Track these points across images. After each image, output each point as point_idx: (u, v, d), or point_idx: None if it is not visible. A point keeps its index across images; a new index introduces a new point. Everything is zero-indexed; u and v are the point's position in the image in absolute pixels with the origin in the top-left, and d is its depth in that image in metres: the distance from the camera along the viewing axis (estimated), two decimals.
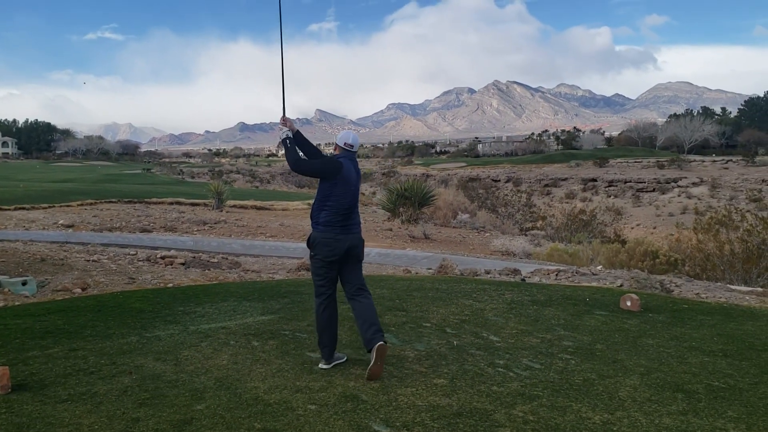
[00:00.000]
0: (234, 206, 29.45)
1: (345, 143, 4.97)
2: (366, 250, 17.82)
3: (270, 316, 6.60)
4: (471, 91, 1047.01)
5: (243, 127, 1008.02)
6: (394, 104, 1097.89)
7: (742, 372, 5.01)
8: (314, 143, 5.29)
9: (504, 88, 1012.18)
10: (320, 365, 4.88)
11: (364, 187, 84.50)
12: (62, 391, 4.29)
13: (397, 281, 9.48)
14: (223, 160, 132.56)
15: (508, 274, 11.54)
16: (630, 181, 67.55)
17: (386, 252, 16.91)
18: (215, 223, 21.78)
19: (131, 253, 13.79)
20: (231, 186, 47.11)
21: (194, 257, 13.37)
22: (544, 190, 71.77)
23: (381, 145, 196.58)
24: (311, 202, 28.54)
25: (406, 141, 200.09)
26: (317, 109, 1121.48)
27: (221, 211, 27.12)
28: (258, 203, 31.00)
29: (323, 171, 4.82)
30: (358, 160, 5.18)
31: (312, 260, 4.91)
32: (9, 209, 24.01)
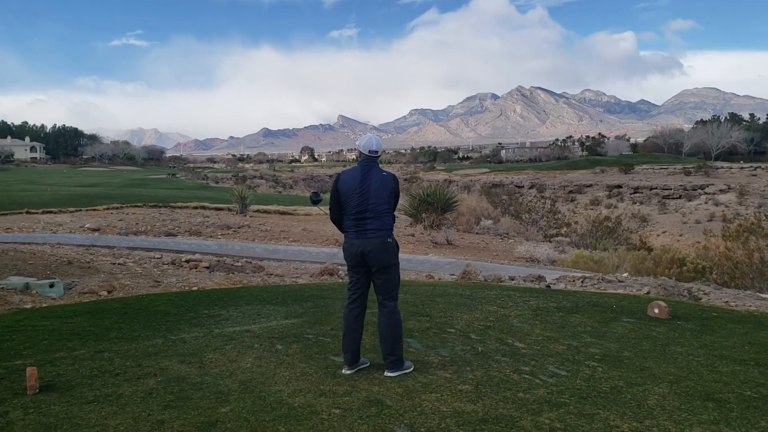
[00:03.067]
0: (257, 211, 29.62)
1: (369, 150, 5.02)
2: None
3: (293, 319, 6.61)
4: (494, 96, 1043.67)
5: (266, 133, 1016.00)
6: (416, 110, 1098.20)
7: None
8: (337, 149, 5.37)
9: (528, 94, 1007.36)
10: (343, 371, 4.89)
11: None
12: (88, 392, 4.33)
13: (420, 286, 9.44)
14: (246, 166, 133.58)
15: (533, 281, 11.44)
16: (656, 188, 66.66)
17: (409, 257, 16.87)
18: (239, 228, 21.91)
19: (156, 256, 13.92)
20: (254, 191, 47.47)
21: (218, 261, 13.46)
22: (569, 196, 71.17)
23: (403, 151, 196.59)
24: None
25: (429, 147, 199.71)
26: (340, 115, 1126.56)
27: (245, 215, 27.29)
28: (281, 208, 31.16)
29: (333, 202, 5.03)
30: (382, 165, 5.19)
31: None
32: (37, 212, 24.42)
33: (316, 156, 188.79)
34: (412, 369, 4.95)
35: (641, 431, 3.82)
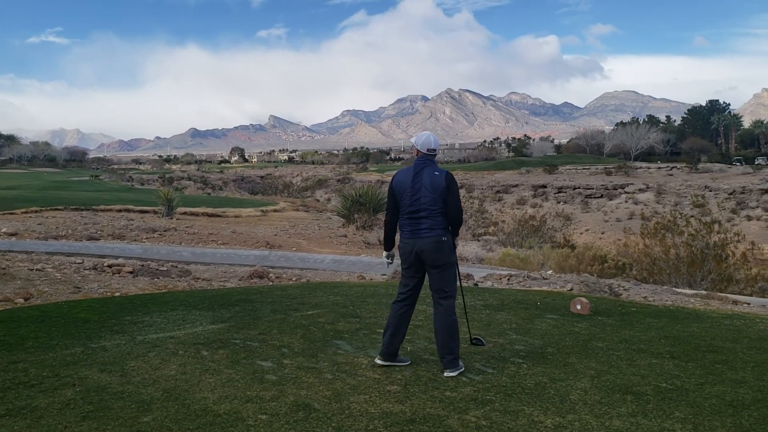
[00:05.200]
0: (185, 213, 28.89)
1: (428, 149, 5.06)
2: (320, 256, 17.67)
3: (220, 324, 6.47)
4: (424, 98, 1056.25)
5: (194, 133, 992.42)
6: (348, 111, 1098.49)
7: (688, 373, 5.13)
8: (268, 150, 5.36)
9: (456, 96, 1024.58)
10: (376, 360, 5.07)
11: (319, 194, 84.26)
12: (0, 405, 4.09)
13: (351, 287, 9.42)
14: (173, 167, 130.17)
15: (461, 279, 11.62)
16: (579, 188, 69.04)
17: (341, 258, 16.84)
18: (165, 231, 21.31)
19: (77, 261, 13.36)
20: (182, 193, 46.30)
21: (143, 265, 13.04)
22: (496, 196, 72.79)
23: (336, 152, 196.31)
24: (265, 209, 28.15)
25: (361, 147, 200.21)
26: (271, 116, 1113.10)
27: (171, 218, 26.57)
28: (209, 210, 30.50)
29: (389, 201, 5.12)
30: (315, 165, 5.18)
31: None
32: None
33: (246, 157, 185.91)
34: (463, 369, 4.97)
35: (564, 426, 3.92)
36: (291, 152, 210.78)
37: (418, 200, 4.90)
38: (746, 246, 19.65)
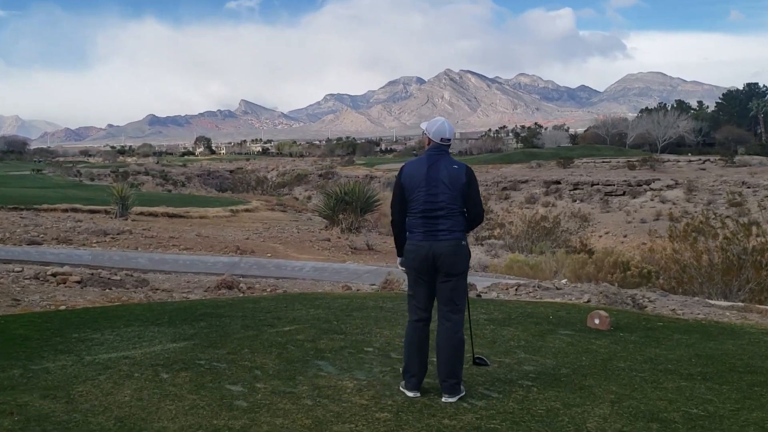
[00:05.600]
0: (141, 214, 28.79)
1: (442, 138, 5.02)
2: (298, 263, 17.74)
3: (182, 343, 6.45)
4: (420, 81, 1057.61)
5: (153, 121, 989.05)
6: (332, 95, 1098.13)
7: (723, 397, 5.17)
8: (238, 140, 5.33)
9: (457, 78, 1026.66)
10: (409, 393, 4.98)
11: (298, 191, 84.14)
12: None
13: (334, 300, 9.43)
14: (129, 160, 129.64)
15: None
16: (597, 184, 69.33)
17: (323, 266, 16.84)
18: (118, 234, 21.23)
19: (16, 269, 13.29)
20: (138, 190, 46.13)
21: (92, 274, 12.99)
22: (502, 193, 72.93)
23: (318, 142, 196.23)
24: (235, 208, 28.13)
25: (347, 137, 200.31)
26: (242, 100, 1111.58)
27: (126, 219, 26.47)
28: (170, 210, 30.41)
29: (396, 199, 5.04)
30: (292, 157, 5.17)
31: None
32: None
33: (213, 148, 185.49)
34: (464, 393, 4.98)
35: None
36: (265, 143, 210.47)
37: (435, 197, 4.87)
38: None
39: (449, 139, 5.05)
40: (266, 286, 12.88)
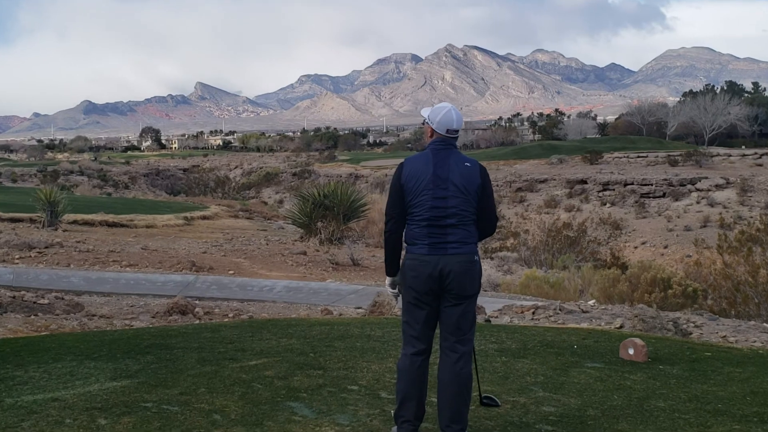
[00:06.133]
0: (75, 222, 28.72)
1: (448, 130, 4.96)
2: (268, 282, 17.79)
3: (125, 381, 6.42)
4: (415, 59, 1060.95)
5: (89, 108, 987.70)
6: (308, 76, 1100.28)
7: None
8: (194, 131, 5.28)
9: (461, 56, 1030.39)
10: None
11: (267, 193, 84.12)
12: None
13: (311, 326, 9.41)
14: (59, 156, 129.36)
15: None
16: (632, 184, 69.60)
17: (298, 285, 16.82)
18: (46, 248, 21.16)
19: None
20: (71, 193, 46.04)
21: (14, 297, 12.93)
22: (517, 195, 73.17)
23: (291, 134, 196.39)
24: (189, 215, 28.10)
25: (327, 128, 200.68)
26: (198, 83, 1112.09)
27: (56, 229, 26.39)
28: (111, 218, 30.33)
29: (394, 203, 4.95)
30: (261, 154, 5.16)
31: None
32: None
33: (163, 141, 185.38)
34: None
35: None
36: (227, 134, 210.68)
37: (444, 201, 4.81)
38: None
39: (457, 131, 4.98)
40: (228, 310, 12.85)
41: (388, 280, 5.16)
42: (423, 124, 5.12)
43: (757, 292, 16.12)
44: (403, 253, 5.04)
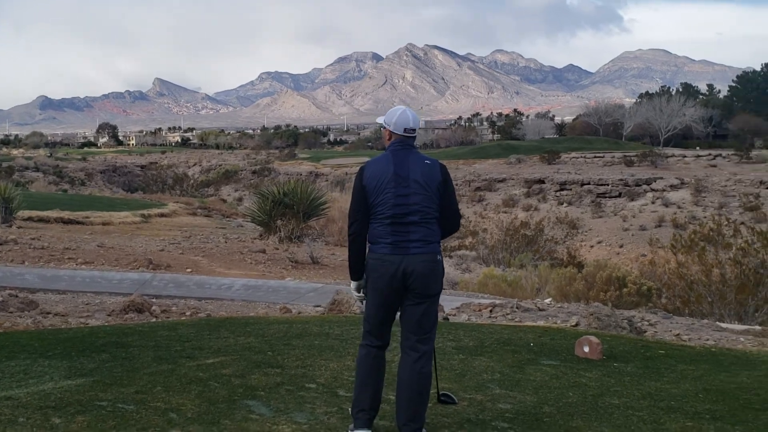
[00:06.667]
0: (30, 219, 28.33)
1: (405, 129, 4.99)
2: (226, 281, 17.69)
3: (79, 380, 6.34)
4: (376, 57, 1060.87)
5: (45, 104, 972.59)
6: (269, 74, 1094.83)
7: None
8: (152, 128, 5.24)
9: (421, 55, 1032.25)
10: (352, 431, 4.95)
11: (226, 191, 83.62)
12: None
13: (270, 325, 9.38)
14: (14, 152, 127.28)
15: None
16: (588, 183, 70.32)
17: (256, 283, 16.74)
18: (0, 245, 20.86)
19: None
20: (26, 189, 45.37)
21: None
22: (476, 195, 73.57)
23: (251, 131, 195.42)
24: (147, 212, 27.75)
25: (287, 125, 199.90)
26: (157, 79, 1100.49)
27: (10, 226, 26.02)
28: (66, 215, 29.96)
29: (357, 206, 4.95)
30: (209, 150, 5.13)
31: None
32: None
33: (121, 137, 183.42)
34: None
35: None
36: (186, 131, 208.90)
37: (406, 198, 4.81)
38: None
39: (414, 129, 5.02)
40: (185, 308, 12.75)
41: (353, 284, 5.16)
42: (382, 129, 5.14)
43: (710, 291, 16.37)
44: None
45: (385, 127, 5.06)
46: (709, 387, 6.72)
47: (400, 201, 4.80)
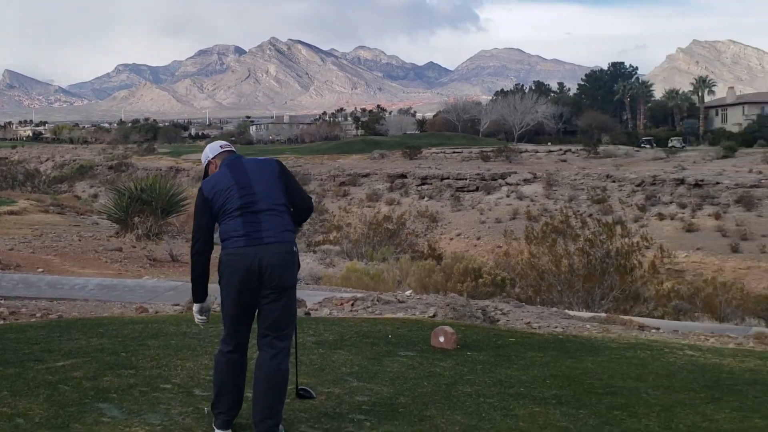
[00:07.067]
0: None
1: (221, 146, 5.16)
2: (80, 280, 17.11)
3: None
4: (239, 51, 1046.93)
5: None
6: (126, 66, 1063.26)
7: (579, 423, 5.49)
8: (2, 120, 5.08)
9: (285, 50, 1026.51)
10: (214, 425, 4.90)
11: (81, 187, 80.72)
12: None
13: (124, 325, 9.13)
14: None
15: None
16: (448, 178, 71.80)
17: (112, 283, 16.25)
18: None
19: None
20: None
21: None
22: (340, 189, 73.86)
23: (107, 125, 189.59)
24: (28, 201, 26.23)
25: (146, 119, 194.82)
26: (6, 70, 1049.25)
27: None
28: None
29: (200, 218, 4.94)
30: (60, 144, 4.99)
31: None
32: None
33: None
34: None
35: None
36: (37, 125, 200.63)
37: (251, 188, 4.79)
38: (656, 253, 21.49)
39: (229, 144, 5.17)
40: (35, 309, 12.22)
41: (195, 306, 5.10)
42: (205, 166, 5.20)
43: (560, 280, 17.05)
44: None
45: (209, 163, 5.14)
46: (555, 373, 6.98)
47: (245, 192, 4.77)
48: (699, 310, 18.63)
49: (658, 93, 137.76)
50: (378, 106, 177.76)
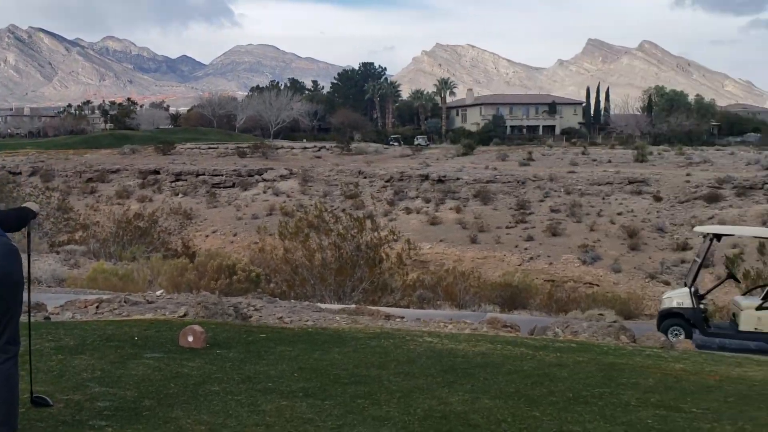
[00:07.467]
0: None
1: None
2: None
3: None
4: None
5: None
6: None
7: (325, 414, 5.60)
8: None
9: (25, 38, 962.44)
10: None
11: None
12: None
13: None
14: None
15: (25, 312, 10.97)
16: (203, 174, 70.85)
17: None
18: None
19: None
20: None
21: None
22: (87, 186, 70.69)
23: None
24: None
25: None
26: None
27: None
28: None
29: None
30: None
31: None
32: None
33: None
34: None
35: None
36: None
37: None
38: (403, 246, 22.37)
39: None
40: None
41: None
42: None
43: (313, 274, 17.35)
44: None
45: None
46: (304, 366, 7.08)
47: None
48: (441, 299, 19.66)
49: (405, 93, 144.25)
50: (128, 99, 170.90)
